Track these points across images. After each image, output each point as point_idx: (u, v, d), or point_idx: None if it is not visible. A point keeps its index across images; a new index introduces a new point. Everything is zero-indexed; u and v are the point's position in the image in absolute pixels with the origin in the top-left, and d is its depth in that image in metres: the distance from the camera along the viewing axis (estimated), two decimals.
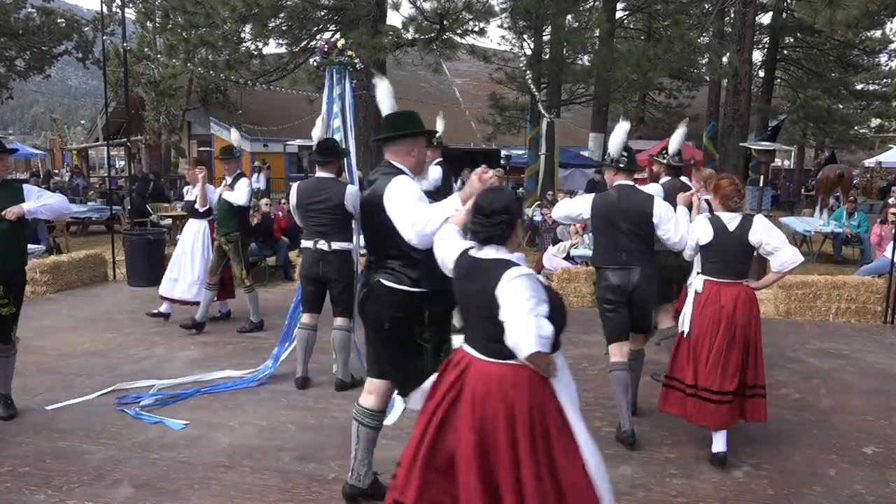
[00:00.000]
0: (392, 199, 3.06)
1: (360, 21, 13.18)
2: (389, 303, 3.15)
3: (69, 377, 5.37)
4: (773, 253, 3.94)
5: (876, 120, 33.97)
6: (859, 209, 12.92)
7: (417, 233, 2.93)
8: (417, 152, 3.27)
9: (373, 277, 3.21)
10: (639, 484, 3.76)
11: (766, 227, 3.93)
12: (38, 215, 4.52)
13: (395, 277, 3.14)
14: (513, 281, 2.36)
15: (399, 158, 3.26)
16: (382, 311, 3.16)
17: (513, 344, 2.32)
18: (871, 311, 7.76)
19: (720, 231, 3.99)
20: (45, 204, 4.42)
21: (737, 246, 3.95)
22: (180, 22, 14.81)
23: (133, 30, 23.23)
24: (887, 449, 4.28)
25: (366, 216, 3.30)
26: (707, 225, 4.03)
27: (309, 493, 3.64)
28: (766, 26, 23.54)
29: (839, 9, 8.73)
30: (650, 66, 15.59)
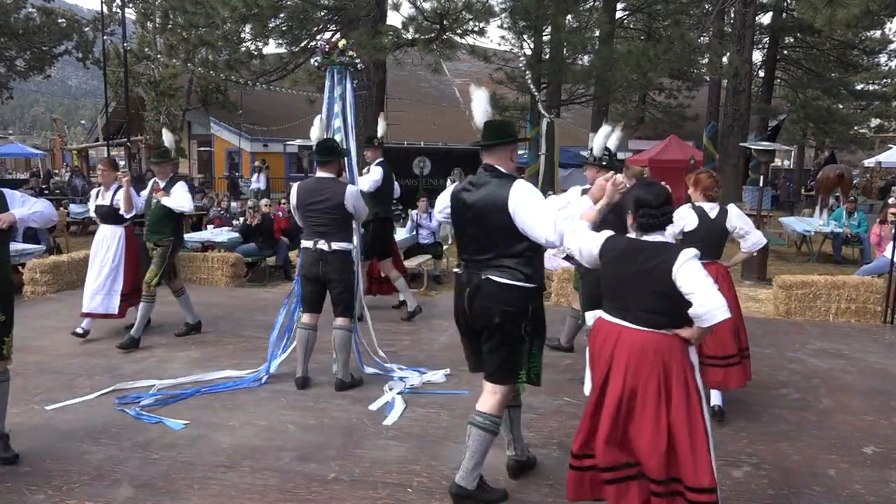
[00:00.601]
0: (524, 203, 3.29)
1: (360, 21, 13.19)
2: (501, 298, 3.34)
3: (69, 377, 5.37)
4: (744, 236, 4.64)
5: (876, 120, 34.00)
6: (859, 209, 12.93)
7: (559, 231, 3.20)
8: (515, 157, 3.59)
9: (477, 276, 3.41)
10: None
11: (740, 215, 4.61)
12: (30, 223, 4.25)
13: (510, 274, 3.35)
14: (689, 261, 2.80)
15: (502, 163, 3.50)
16: (494, 306, 3.36)
17: (704, 312, 2.72)
18: (871, 311, 7.76)
19: (703, 219, 4.60)
20: (36, 212, 4.14)
21: (717, 231, 4.57)
22: (180, 22, 14.83)
23: (133, 30, 23.24)
24: (887, 449, 4.28)
25: (476, 218, 3.45)
26: (692, 213, 4.59)
27: (309, 493, 3.64)
28: (766, 26, 23.56)
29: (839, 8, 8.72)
30: (650, 66, 15.60)
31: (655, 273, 2.84)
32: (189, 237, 11.22)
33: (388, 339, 6.40)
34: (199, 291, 8.75)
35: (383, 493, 3.63)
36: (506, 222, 3.32)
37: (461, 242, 3.56)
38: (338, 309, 5.16)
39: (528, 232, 3.29)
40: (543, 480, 3.79)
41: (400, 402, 4.90)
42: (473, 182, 3.52)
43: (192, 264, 9.43)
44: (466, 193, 3.51)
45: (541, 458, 4.05)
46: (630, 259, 2.94)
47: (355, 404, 4.90)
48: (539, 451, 4.14)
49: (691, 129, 26.25)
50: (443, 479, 3.76)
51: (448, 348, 6.26)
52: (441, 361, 5.84)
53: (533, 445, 4.23)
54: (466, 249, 3.52)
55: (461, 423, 4.56)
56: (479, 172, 3.54)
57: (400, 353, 6.11)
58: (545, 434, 4.40)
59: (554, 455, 4.10)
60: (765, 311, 8.33)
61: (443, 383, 5.36)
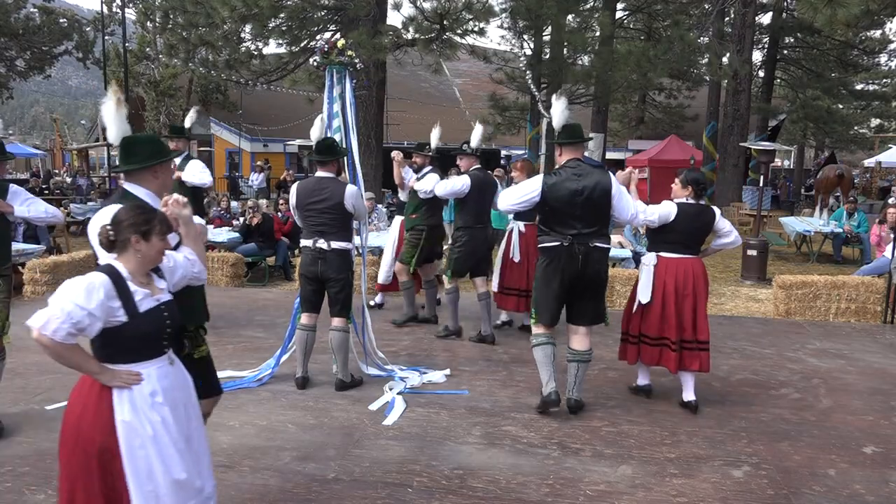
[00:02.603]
0: (619, 189, 4.57)
1: (360, 21, 13.19)
2: (604, 260, 4.59)
3: (69, 377, 5.35)
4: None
5: (876, 120, 34.00)
6: (859, 209, 12.92)
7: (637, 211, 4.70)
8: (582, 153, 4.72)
9: (585, 245, 4.47)
10: (639, 484, 3.76)
11: (722, 217, 5.05)
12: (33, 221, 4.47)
13: (607, 240, 4.58)
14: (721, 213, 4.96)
15: (582, 157, 4.63)
16: (601, 266, 4.57)
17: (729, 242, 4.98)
18: (871, 311, 7.76)
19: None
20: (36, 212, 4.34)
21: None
22: (180, 22, 14.82)
23: (133, 30, 23.25)
24: (887, 449, 4.28)
25: (588, 200, 4.46)
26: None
27: (309, 493, 3.64)
28: (766, 26, 23.55)
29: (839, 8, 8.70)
30: (650, 66, 15.59)
31: (708, 224, 4.82)
32: None
33: (388, 339, 6.40)
34: None
35: (383, 493, 3.63)
36: (609, 203, 4.51)
37: (565, 221, 4.47)
38: (335, 308, 5.15)
39: (619, 211, 4.58)
40: (543, 480, 3.79)
41: (400, 402, 4.90)
42: (577, 173, 4.47)
43: None
44: (574, 182, 4.45)
45: (541, 457, 4.05)
46: (695, 217, 4.78)
47: (355, 404, 4.90)
48: (539, 451, 4.15)
49: (691, 129, 26.26)
50: (443, 479, 3.77)
51: (448, 348, 6.26)
52: (441, 361, 5.84)
53: (533, 445, 4.23)
54: (574, 226, 4.47)
55: (461, 423, 4.57)
56: (574, 165, 4.53)
57: (400, 353, 6.11)
58: (545, 434, 4.40)
59: (554, 455, 4.10)
60: (765, 311, 8.33)
61: (443, 383, 5.36)
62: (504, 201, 4.70)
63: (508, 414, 4.73)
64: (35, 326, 2.27)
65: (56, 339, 2.28)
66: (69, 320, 2.27)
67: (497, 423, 4.57)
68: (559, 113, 4.66)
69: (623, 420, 4.65)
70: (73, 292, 2.29)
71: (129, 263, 2.45)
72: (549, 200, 4.50)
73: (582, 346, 4.65)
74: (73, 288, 2.31)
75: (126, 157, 2.92)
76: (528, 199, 4.57)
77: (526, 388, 5.21)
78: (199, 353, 3.14)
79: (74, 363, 2.42)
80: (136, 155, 2.91)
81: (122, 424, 2.42)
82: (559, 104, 4.66)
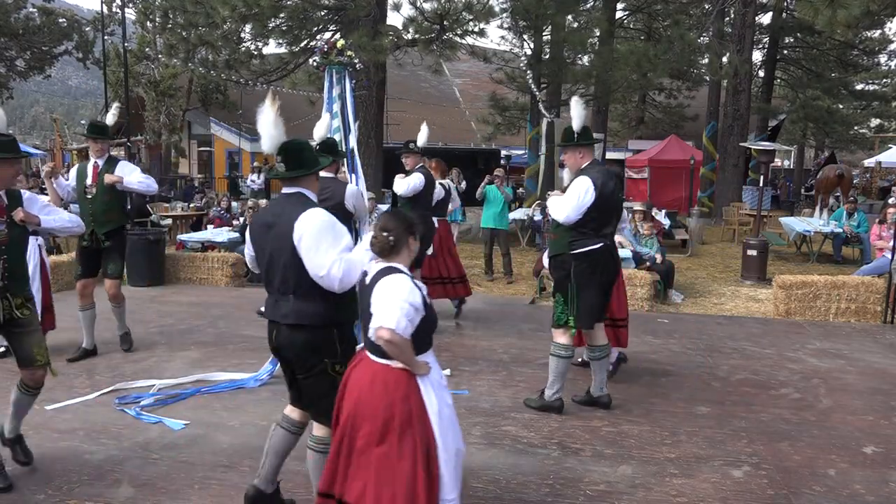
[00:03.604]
0: None
1: (361, 21, 13.18)
2: None
3: (69, 377, 5.36)
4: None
5: (876, 120, 33.98)
6: (859, 209, 12.92)
7: None
8: None
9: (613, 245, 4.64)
10: (639, 484, 3.76)
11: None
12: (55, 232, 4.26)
13: None
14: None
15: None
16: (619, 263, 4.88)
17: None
18: (871, 311, 7.76)
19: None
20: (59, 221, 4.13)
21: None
22: (180, 22, 14.80)
23: (133, 30, 23.23)
24: (887, 449, 4.28)
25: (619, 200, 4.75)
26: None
27: (308, 493, 3.63)
28: (766, 26, 23.54)
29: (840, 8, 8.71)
30: (650, 66, 15.59)
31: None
32: (189, 237, 11.24)
33: None
34: (200, 291, 8.77)
35: None
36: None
37: (608, 221, 4.56)
38: None
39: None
40: (543, 480, 3.78)
41: None
42: (606, 173, 4.54)
43: (192, 264, 9.43)
44: (611, 181, 4.51)
45: (541, 457, 4.05)
46: None
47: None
48: (539, 451, 4.15)
49: (691, 129, 26.24)
50: None
51: (448, 348, 6.26)
52: (440, 362, 5.83)
53: (533, 445, 4.23)
54: (612, 225, 4.62)
55: (461, 423, 4.54)
56: (599, 165, 4.63)
57: None
58: (545, 434, 4.40)
59: (554, 455, 4.10)
60: (765, 311, 8.33)
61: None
62: (562, 210, 4.44)
63: (508, 414, 4.73)
64: (388, 325, 2.54)
65: (405, 336, 2.58)
66: (407, 317, 2.58)
67: (497, 423, 4.56)
68: (579, 114, 4.59)
69: (623, 420, 4.65)
70: (402, 292, 2.62)
71: (404, 262, 2.79)
72: (599, 201, 4.44)
73: (605, 340, 4.77)
74: (399, 288, 2.63)
75: (296, 162, 3.11)
76: (586, 204, 4.39)
77: (526, 388, 5.21)
78: None
79: (408, 356, 2.67)
80: (308, 161, 3.13)
81: (431, 408, 2.71)
82: (579, 106, 4.61)
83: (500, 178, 10.89)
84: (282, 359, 3.19)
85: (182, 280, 9.47)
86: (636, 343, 6.57)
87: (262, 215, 3.25)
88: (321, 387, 3.06)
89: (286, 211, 3.04)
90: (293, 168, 3.09)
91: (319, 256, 2.88)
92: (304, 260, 2.92)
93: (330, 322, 3.02)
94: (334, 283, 2.89)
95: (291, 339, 3.03)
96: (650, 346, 6.55)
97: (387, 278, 2.67)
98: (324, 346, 3.02)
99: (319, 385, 3.06)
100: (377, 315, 2.58)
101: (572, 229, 4.49)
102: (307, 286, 2.96)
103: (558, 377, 4.66)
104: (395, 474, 2.59)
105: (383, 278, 2.67)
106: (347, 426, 2.70)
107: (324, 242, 2.90)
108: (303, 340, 3.01)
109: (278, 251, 3.00)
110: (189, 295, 8.52)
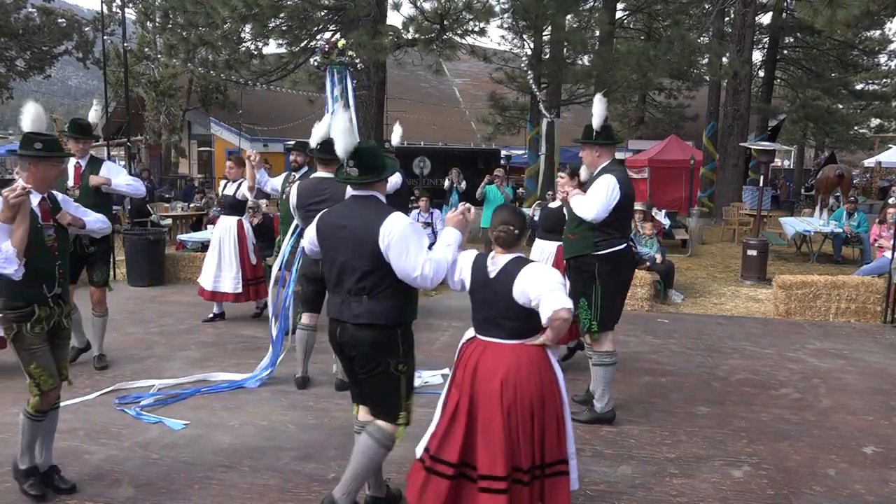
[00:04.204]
0: None
1: (361, 21, 13.18)
2: None
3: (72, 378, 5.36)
4: None
5: (876, 120, 33.98)
6: (859, 209, 12.92)
7: None
8: None
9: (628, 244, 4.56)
10: (639, 484, 3.76)
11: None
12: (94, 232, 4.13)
13: None
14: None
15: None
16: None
17: None
18: (871, 311, 7.76)
19: None
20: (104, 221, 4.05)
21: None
22: (180, 22, 14.79)
23: (133, 30, 23.21)
24: (887, 449, 4.29)
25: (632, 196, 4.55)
26: None
27: (309, 493, 3.64)
28: (766, 26, 23.54)
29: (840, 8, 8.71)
30: (650, 66, 15.58)
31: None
32: (189, 237, 11.23)
33: None
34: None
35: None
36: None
37: (629, 221, 4.62)
38: None
39: None
40: None
41: None
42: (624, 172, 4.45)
43: (193, 264, 9.43)
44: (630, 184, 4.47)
45: None
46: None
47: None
48: None
49: (691, 129, 26.22)
50: None
51: (447, 348, 6.25)
52: (440, 362, 5.83)
53: None
54: (629, 225, 4.68)
55: None
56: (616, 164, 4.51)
57: None
58: None
59: None
60: (765, 311, 8.33)
61: (442, 384, 5.35)
62: (591, 209, 4.27)
63: None
64: (568, 306, 2.85)
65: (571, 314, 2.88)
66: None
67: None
68: (600, 113, 4.46)
69: (623, 420, 4.65)
70: (555, 275, 2.96)
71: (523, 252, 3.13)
72: (624, 200, 4.34)
73: (612, 346, 4.58)
74: (550, 273, 2.98)
75: (369, 167, 3.15)
76: (614, 201, 4.27)
77: None
78: None
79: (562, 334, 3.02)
80: (380, 166, 3.18)
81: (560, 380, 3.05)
82: (601, 104, 4.48)
83: (500, 178, 10.90)
84: (343, 356, 3.25)
85: (182, 280, 9.47)
86: (636, 343, 6.58)
87: (332, 215, 3.27)
88: (382, 385, 3.14)
89: (362, 214, 3.10)
90: (366, 173, 3.13)
91: (411, 259, 2.98)
92: (393, 263, 3.00)
93: (397, 322, 3.11)
94: (427, 282, 3.03)
95: (358, 338, 3.09)
96: (650, 346, 6.55)
97: (530, 267, 2.94)
98: (389, 345, 3.09)
99: (381, 384, 3.14)
100: (553, 299, 2.82)
101: (596, 229, 4.32)
102: (384, 287, 3.06)
103: (607, 387, 4.52)
104: (558, 437, 2.98)
105: (524, 268, 2.93)
106: (495, 404, 2.88)
107: (412, 245, 2.99)
108: (370, 339, 3.08)
109: (356, 255, 3.07)
110: (189, 295, 8.51)
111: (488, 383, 2.91)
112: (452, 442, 2.94)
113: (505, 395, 2.86)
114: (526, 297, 2.90)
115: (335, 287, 3.16)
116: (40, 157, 3.47)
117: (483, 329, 3.05)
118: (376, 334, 3.07)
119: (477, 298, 3.06)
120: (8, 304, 3.38)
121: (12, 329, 3.38)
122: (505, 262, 2.98)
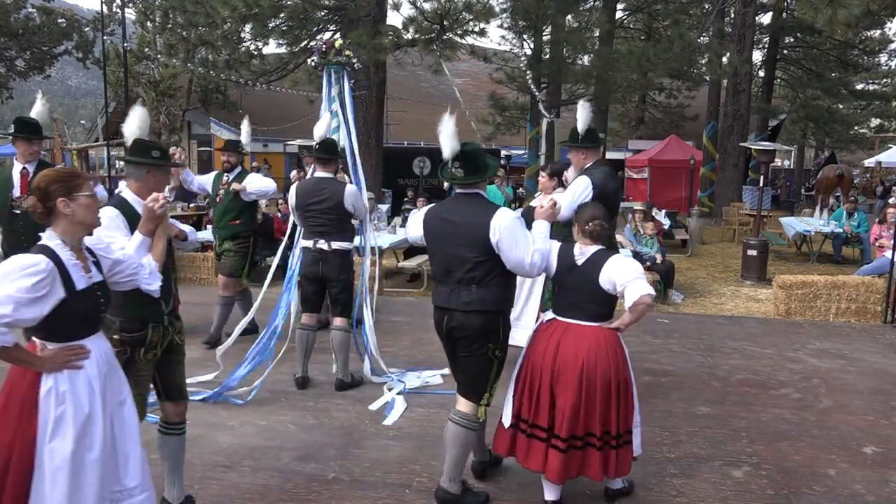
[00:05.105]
0: None
1: (361, 21, 13.17)
2: None
3: None
4: None
5: (876, 120, 33.98)
6: (859, 209, 12.91)
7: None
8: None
9: None
10: (639, 484, 3.76)
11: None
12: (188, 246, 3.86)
13: None
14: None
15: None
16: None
17: None
18: (871, 311, 7.76)
19: None
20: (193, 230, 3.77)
21: None
22: (180, 22, 14.79)
23: (133, 30, 23.21)
24: (887, 449, 4.29)
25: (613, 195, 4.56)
26: None
27: (309, 493, 3.64)
28: (766, 26, 23.53)
29: (840, 8, 8.72)
30: (650, 66, 15.58)
31: None
32: None
33: (388, 339, 6.39)
34: (200, 291, 8.75)
35: (383, 493, 3.63)
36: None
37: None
38: (336, 308, 5.16)
39: None
40: None
41: (400, 402, 4.90)
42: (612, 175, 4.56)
43: (193, 264, 9.43)
44: (614, 184, 4.55)
45: None
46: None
47: (355, 404, 4.90)
48: None
49: (691, 129, 26.24)
50: None
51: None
52: (440, 362, 5.81)
53: None
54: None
55: None
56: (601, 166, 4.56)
57: (399, 353, 6.10)
58: None
59: None
60: (765, 311, 8.33)
61: (441, 384, 5.35)
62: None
63: None
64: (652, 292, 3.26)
65: None
66: None
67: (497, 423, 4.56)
68: (584, 117, 4.60)
69: None
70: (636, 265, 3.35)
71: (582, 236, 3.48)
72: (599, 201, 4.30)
73: None
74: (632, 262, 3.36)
75: (473, 168, 3.36)
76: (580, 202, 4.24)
77: None
78: None
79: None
80: (483, 167, 3.38)
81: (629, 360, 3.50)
82: (584, 109, 4.63)
83: (500, 177, 10.90)
84: (450, 339, 3.45)
85: (182, 280, 9.47)
86: (636, 343, 6.57)
87: (439, 211, 3.48)
88: (478, 367, 3.41)
89: (471, 211, 3.33)
90: (471, 174, 3.35)
91: (520, 250, 3.24)
92: (505, 253, 3.25)
93: (501, 308, 3.40)
94: (534, 270, 3.33)
95: (467, 323, 3.34)
96: (650, 346, 6.55)
97: (616, 257, 3.34)
98: (492, 330, 3.37)
99: (477, 365, 3.41)
100: (638, 285, 3.18)
101: (566, 227, 4.34)
102: (491, 277, 3.32)
103: None
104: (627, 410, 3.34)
105: (611, 258, 3.32)
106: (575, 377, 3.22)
107: (521, 238, 3.26)
108: (478, 324, 3.33)
109: (468, 248, 3.30)
110: (189, 295, 8.50)
111: (571, 359, 3.24)
112: (542, 410, 3.31)
113: (586, 370, 3.21)
114: (612, 283, 3.26)
115: (444, 277, 3.40)
116: (159, 166, 3.20)
117: (565, 311, 3.39)
118: (484, 320, 3.33)
119: (562, 283, 3.42)
120: (125, 325, 3.07)
121: (125, 353, 3.07)
122: (592, 252, 3.35)
